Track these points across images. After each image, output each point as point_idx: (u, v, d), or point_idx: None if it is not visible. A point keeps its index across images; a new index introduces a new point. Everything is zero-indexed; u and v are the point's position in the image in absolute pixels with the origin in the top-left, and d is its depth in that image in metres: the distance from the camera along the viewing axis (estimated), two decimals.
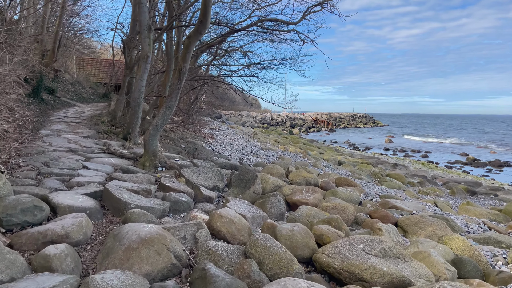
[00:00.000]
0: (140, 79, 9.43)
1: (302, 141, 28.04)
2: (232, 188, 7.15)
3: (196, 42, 6.75)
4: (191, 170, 7.10)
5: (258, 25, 12.99)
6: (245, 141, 18.46)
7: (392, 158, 26.67)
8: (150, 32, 9.34)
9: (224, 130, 25.46)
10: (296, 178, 8.37)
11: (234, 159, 11.83)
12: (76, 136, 9.20)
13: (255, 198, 7.01)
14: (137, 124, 9.66)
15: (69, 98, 20.83)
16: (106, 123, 11.19)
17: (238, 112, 65.11)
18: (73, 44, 32.47)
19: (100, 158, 7.16)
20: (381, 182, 11.00)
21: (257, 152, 14.14)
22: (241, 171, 7.44)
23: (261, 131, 35.99)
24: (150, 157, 7.01)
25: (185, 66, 6.72)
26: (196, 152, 10.28)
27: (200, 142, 15.05)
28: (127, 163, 7.24)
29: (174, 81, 6.81)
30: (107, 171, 6.40)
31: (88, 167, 6.40)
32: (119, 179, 5.84)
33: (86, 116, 13.36)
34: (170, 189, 5.86)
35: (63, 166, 6.10)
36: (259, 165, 11.33)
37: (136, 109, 9.59)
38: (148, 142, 6.99)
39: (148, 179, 6.10)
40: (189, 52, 6.65)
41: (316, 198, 6.71)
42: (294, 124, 62.70)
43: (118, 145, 8.99)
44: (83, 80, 31.01)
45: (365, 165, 15.46)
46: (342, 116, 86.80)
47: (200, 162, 8.96)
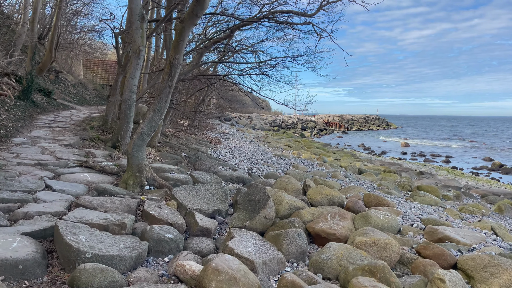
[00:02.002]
0: (131, 77, 8.02)
1: (316, 145, 26.45)
2: (238, 211, 5.68)
3: (191, 28, 5.32)
4: (186, 190, 5.63)
5: (269, 17, 11.54)
6: (254, 146, 16.98)
7: (412, 163, 24.93)
8: (143, 22, 7.93)
9: (232, 133, 24.04)
10: (316, 196, 6.85)
11: (242, 168, 10.36)
12: (56, 144, 7.83)
13: (266, 225, 5.53)
14: (128, 130, 8.26)
15: (68, 100, 19.63)
16: (95, 129, 9.82)
17: (248, 114, 63.73)
18: (78, 45, 31.47)
19: (73, 175, 5.74)
20: (413, 197, 9.41)
21: (268, 160, 12.64)
22: (249, 190, 5.95)
23: (272, 135, 34.49)
24: (135, 173, 5.57)
25: (177, 58, 5.28)
26: (198, 162, 8.83)
27: (205, 148, 13.62)
28: (106, 181, 5.81)
29: (164, 78, 5.37)
30: (76, 193, 4.98)
31: (52, 187, 4.98)
32: (87, 205, 4.41)
33: (78, 120, 12.04)
34: (155, 220, 4.41)
35: (18, 187, 4.70)
36: (271, 176, 9.84)
37: (126, 112, 8.19)
38: (132, 154, 5.55)
39: (127, 205, 4.65)
40: (182, 40, 5.21)
41: (345, 227, 5.18)
42: (305, 126, 61.04)
43: (103, 155, 7.59)
44: (88, 81, 29.95)
45: (389, 173, 13.84)
46: (355, 118, 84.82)
47: (200, 175, 7.52)
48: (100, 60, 36.57)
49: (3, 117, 8.76)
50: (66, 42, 27.59)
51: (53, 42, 18.11)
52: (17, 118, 9.43)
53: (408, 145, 41.34)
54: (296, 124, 62.07)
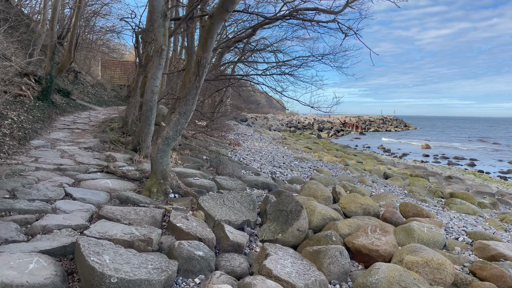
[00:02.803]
0: (153, 78, 7.70)
1: (335, 146, 25.85)
2: (268, 222, 5.26)
3: (220, 24, 4.93)
4: (213, 198, 5.24)
5: (293, 15, 11.09)
6: (274, 148, 16.55)
7: (436, 166, 24.11)
8: (165, 20, 7.60)
9: (250, 135, 23.66)
10: (350, 206, 6.37)
11: (265, 172, 9.94)
12: (75, 147, 7.55)
13: (299, 237, 5.10)
14: (149, 133, 7.93)
15: (86, 101, 19.55)
16: (115, 131, 9.54)
17: (264, 115, 63.31)
18: (97, 45, 31.58)
19: (94, 181, 5.41)
20: (449, 205, 8.82)
21: (290, 163, 12.19)
22: (279, 199, 5.53)
23: (289, 136, 33.98)
24: (159, 180, 5.20)
25: (205, 57, 4.89)
26: (221, 167, 8.44)
27: (225, 150, 13.25)
28: (128, 187, 5.46)
29: (191, 79, 4.98)
30: (98, 202, 4.64)
31: (72, 195, 4.65)
32: (110, 217, 4.05)
33: (97, 122, 11.81)
34: (182, 233, 4.02)
35: (37, 195, 4.38)
36: (296, 181, 9.40)
37: (148, 114, 7.87)
38: (156, 160, 5.19)
39: (152, 216, 4.28)
40: (210, 38, 4.81)
41: (389, 242, 4.70)
42: (322, 127, 60.26)
43: (124, 159, 7.27)
44: (106, 82, 30.00)
45: (417, 178, 13.22)
46: (372, 119, 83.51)
47: (224, 181, 7.14)
48: (118, 61, 36.68)
49: (22, 118, 8.54)
50: (84, 42, 27.68)
51: (72, 42, 18.04)
52: (36, 119, 9.21)
53: (429, 147, 40.28)
54: (312, 125, 61.34)
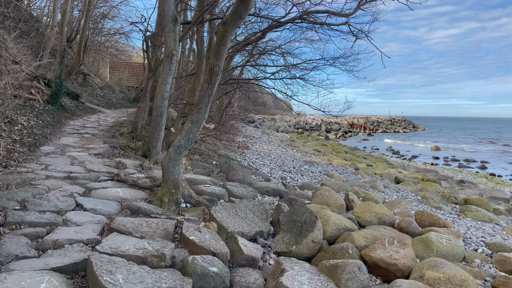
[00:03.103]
0: (163, 83, 7.62)
1: (343, 149, 25.64)
2: (282, 233, 5.14)
3: (234, 31, 4.82)
4: (225, 208, 5.13)
5: (303, 18, 10.97)
6: (283, 151, 16.41)
7: (447, 169, 23.79)
8: (176, 24, 7.53)
9: (258, 137, 23.55)
10: (365, 215, 6.23)
11: (276, 178, 9.82)
12: (85, 153, 7.49)
13: (313, 249, 4.97)
14: (159, 138, 7.86)
15: (95, 103, 19.59)
16: (125, 135, 9.48)
17: (271, 116, 63.18)
18: (105, 47, 31.71)
19: (104, 190, 5.34)
20: (464, 212, 8.62)
21: (301, 167, 12.05)
22: (293, 209, 5.40)
23: (297, 137, 33.81)
24: (170, 189, 5.11)
25: (218, 65, 4.78)
26: (231, 173, 8.33)
27: (234, 154, 13.15)
28: (139, 197, 5.38)
29: (204, 86, 4.88)
30: (109, 213, 4.55)
31: (83, 206, 4.57)
32: (122, 230, 3.96)
33: (106, 125, 11.77)
34: (195, 247, 3.92)
35: (47, 206, 4.30)
36: (307, 187, 9.26)
37: (158, 119, 7.80)
38: (167, 169, 5.09)
39: (164, 229, 4.18)
40: (224, 45, 4.71)
41: (407, 256, 4.55)
42: (329, 128, 59.98)
43: (134, 165, 7.20)
44: (114, 84, 30.10)
45: (429, 183, 13.00)
46: (380, 120, 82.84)
47: (235, 188, 7.03)
48: (126, 62, 36.82)
49: (32, 123, 8.51)
50: (93, 44, 27.79)
51: (81, 44, 18.10)
52: (46, 124, 9.19)
53: (438, 148, 39.86)
54: (320, 126, 61.05)
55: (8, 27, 10.40)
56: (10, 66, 8.71)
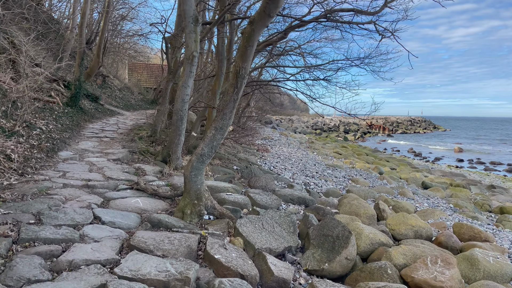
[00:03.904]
0: (184, 86, 7.33)
1: (364, 151, 25.01)
2: (312, 248, 4.76)
3: (262, 30, 4.47)
4: (251, 222, 4.78)
5: (327, 17, 10.55)
6: (304, 155, 15.98)
7: (472, 172, 22.90)
8: (197, 25, 7.23)
9: (277, 139, 23.17)
10: (400, 227, 5.78)
11: (298, 183, 9.43)
12: (104, 159, 7.27)
13: (347, 267, 4.58)
14: (180, 143, 7.57)
15: (114, 105, 19.56)
16: (144, 139, 9.25)
17: (288, 117, 62.69)
18: (124, 49, 31.88)
19: (123, 200, 5.06)
20: (501, 222, 8.04)
21: (323, 172, 11.62)
22: (324, 223, 5.01)
23: (316, 139, 33.27)
24: (193, 200, 4.79)
25: (244, 67, 4.44)
26: (254, 179, 7.99)
27: (254, 157, 12.81)
28: (160, 207, 5.08)
29: (229, 91, 4.55)
30: (128, 226, 4.26)
31: (101, 218, 4.29)
32: (142, 248, 3.65)
33: (125, 129, 11.60)
34: (221, 267, 3.58)
35: (63, 220, 4.04)
36: (332, 194, 8.85)
37: (178, 124, 7.51)
38: (189, 179, 4.78)
39: (188, 246, 3.85)
40: (251, 46, 4.36)
41: (454, 278, 4.11)
42: (348, 129, 59.08)
43: (154, 171, 6.93)
44: (133, 85, 30.20)
45: (458, 188, 12.37)
46: (399, 120, 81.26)
47: (259, 196, 6.68)
48: (144, 64, 36.98)
49: (51, 127, 8.36)
50: (112, 46, 27.94)
51: (100, 46, 18.08)
52: (64, 127, 9.04)
53: (461, 150, 38.69)
54: (338, 127, 60.24)
55: (27, 29, 10.32)
56: (29, 69, 8.58)
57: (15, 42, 8.11)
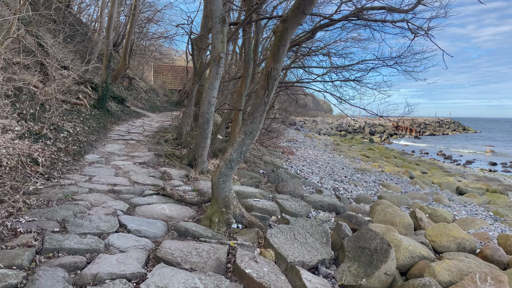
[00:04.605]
0: (210, 88, 7.15)
1: (392, 153, 24.28)
2: (348, 261, 4.44)
3: (295, 29, 4.21)
4: (282, 232, 4.51)
5: (357, 15, 10.17)
6: (331, 157, 15.57)
7: (508, 176, 21.82)
8: (224, 25, 7.04)
9: (302, 141, 22.80)
10: (441, 239, 5.39)
11: (327, 188, 9.09)
12: (130, 162, 7.17)
13: (386, 282, 4.24)
14: (206, 147, 7.39)
15: (140, 107, 19.71)
16: (170, 142, 9.14)
17: (312, 118, 62.03)
18: (149, 51, 32.24)
19: (149, 206, 4.90)
20: None
21: (352, 176, 11.21)
22: (360, 234, 4.69)
23: (341, 141, 32.65)
24: (220, 208, 4.57)
25: (276, 68, 4.18)
26: (281, 184, 7.72)
27: (279, 160, 12.54)
28: (186, 214, 4.89)
29: (259, 93, 4.30)
30: (154, 235, 4.08)
31: (127, 226, 4.13)
32: (169, 260, 3.45)
33: (151, 131, 11.56)
34: (253, 283, 3.34)
35: (88, 228, 3.89)
36: (363, 200, 8.47)
37: (204, 127, 7.33)
38: (217, 185, 4.56)
39: (217, 258, 3.63)
40: (283, 45, 4.10)
41: None
42: (373, 131, 57.84)
43: (180, 175, 6.77)
44: (158, 87, 30.48)
45: (496, 195, 11.70)
46: (427, 121, 79.02)
47: (287, 202, 6.41)
48: (169, 66, 37.31)
49: (78, 130, 8.35)
50: (138, 48, 28.28)
51: (127, 49, 18.24)
52: (91, 130, 9.04)
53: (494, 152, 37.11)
54: (363, 128, 59.10)
55: (55, 31, 10.42)
56: (58, 71, 8.62)
57: (43, 44, 8.15)
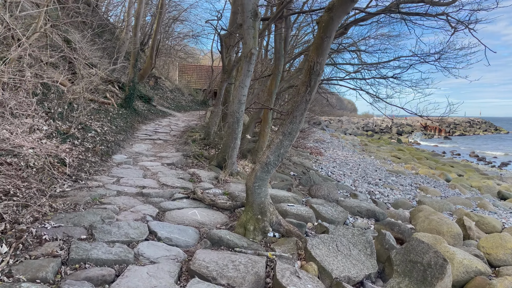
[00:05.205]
0: (241, 86, 6.82)
1: (423, 154, 23.35)
2: (397, 276, 4.01)
3: (341, 19, 3.81)
4: (324, 243, 4.12)
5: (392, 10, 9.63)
6: (361, 159, 15.00)
7: None
8: (256, 20, 6.70)
9: (329, 141, 22.23)
10: (497, 252, 4.86)
11: (362, 192, 8.61)
12: (158, 163, 6.93)
13: None
14: (235, 148, 7.07)
15: (166, 106, 19.66)
16: (197, 142, 8.88)
17: (337, 117, 61.00)
18: (175, 51, 32.35)
19: (180, 211, 4.61)
20: None
21: (387, 179, 10.66)
22: (409, 246, 4.24)
23: (369, 141, 31.79)
24: (256, 215, 4.22)
25: (319, 62, 3.80)
26: (314, 188, 7.31)
27: (308, 161, 12.11)
28: (219, 220, 4.57)
29: (300, 90, 3.92)
30: (186, 244, 3.78)
31: (157, 234, 3.85)
32: (204, 274, 3.13)
33: (178, 130, 11.36)
34: None
35: (117, 235, 3.62)
36: (401, 205, 7.95)
37: (234, 126, 7.02)
38: (252, 190, 4.22)
39: (255, 273, 3.28)
40: (328, 37, 3.72)
41: None
42: (401, 131, 56.30)
43: (209, 177, 6.47)
44: (183, 87, 30.52)
45: None
46: (457, 121, 76.34)
47: (322, 207, 6.01)
48: (194, 65, 37.37)
49: (105, 129, 8.21)
50: (164, 48, 28.36)
51: (153, 48, 18.20)
52: (119, 129, 8.89)
53: None
54: (390, 128, 57.60)
55: (82, 29, 10.36)
56: (86, 70, 8.50)
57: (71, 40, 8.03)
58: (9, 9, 5.95)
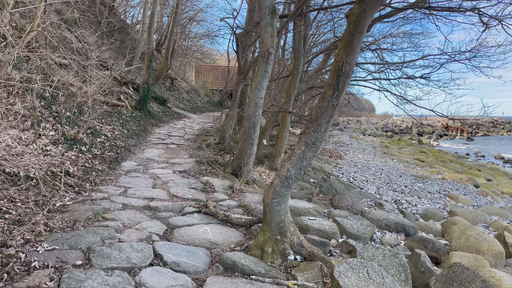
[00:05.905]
0: (258, 88, 6.35)
1: (447, 157, 22.38)
2: None
3: (375, 12, 3.28)
4: (353, 269, 3.60)
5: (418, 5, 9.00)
6: (383, 163, 14.31)
7: None
8: (274, 17, 6.22)
9: (348, 143, 21.54)
10: None
11: (387, 201, 8.02)
12: (169, 170, 6.52)
13: None
14: (251, 154, 6.60)
15: (181, 108, 19.36)
16: (212, 147, 8.44)
17: (356, 118, 59.91)
18: (191, 51, 32.14)
19: (190, 228, 4.16)
20: None
21: (413, 186, 10.01)
22: (452, 273, 3.68)
23: (389, 142, 30.87)
24: (275, 235, 3.73)
25: (349, 62, 3.28)
26: (337, 197, 6.77)
27: (328, 165, 11.54)
28: (233, 239, 4.10)
29: (325, 94, 3.42)
30: (195, 270, 3.32)
31: (163, 257, 3.40)
32: None
33: (192, 134, 10.96)
34: None
35: (117, 260, 3.19)
36: (431, 217, 7.33)
37: (250, 131, 6.55)
38: (271, 207, 3.73)
39: None
40: (359, 33, 3.20)
41: None
42: (421, 131, 54.83)
43: (224, 187, 6.02)
44: (199, 87, 30.27)
45: None
46: (480, 122, 73.99)
47: (347, 221, 5.49)
48: (210, 66, 37.12)
49: (116, 133, 7.85)
50: (180, 49, 28.15)
51: (169, 49, 17.92)
52: (130, 133, 8.53)
53: None
54: (410, 128, 56.18)
55: (96, 29, 10.07)
56: (101, 72, 8.17)
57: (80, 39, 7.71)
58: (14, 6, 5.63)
